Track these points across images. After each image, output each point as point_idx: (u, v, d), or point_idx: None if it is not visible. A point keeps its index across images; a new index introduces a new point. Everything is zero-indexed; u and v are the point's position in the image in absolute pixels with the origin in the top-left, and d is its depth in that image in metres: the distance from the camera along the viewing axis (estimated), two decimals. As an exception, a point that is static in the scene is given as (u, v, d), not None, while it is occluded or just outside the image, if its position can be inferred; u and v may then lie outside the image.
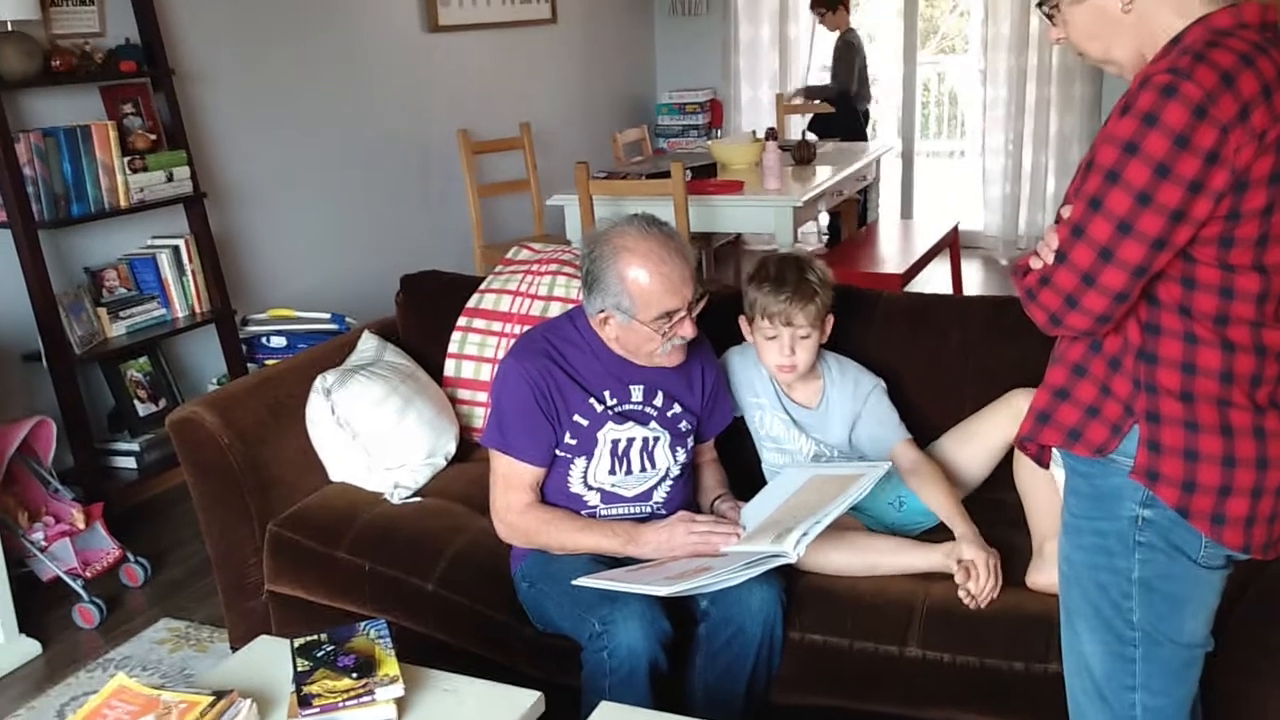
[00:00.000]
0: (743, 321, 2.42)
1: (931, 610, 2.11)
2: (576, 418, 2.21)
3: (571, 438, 2.22)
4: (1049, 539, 2.11)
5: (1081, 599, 1.60)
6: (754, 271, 2.40)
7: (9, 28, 3.38)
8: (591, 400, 2.22)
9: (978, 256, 6.82)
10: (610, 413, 2.22)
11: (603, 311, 2.17)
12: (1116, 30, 1.49)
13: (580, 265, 2.23)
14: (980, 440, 2.36)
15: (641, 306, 2.12)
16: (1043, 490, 2.17)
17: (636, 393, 2.25)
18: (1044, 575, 2.10)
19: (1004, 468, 2.34)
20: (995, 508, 2.35)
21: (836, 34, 6.54)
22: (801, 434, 2.42)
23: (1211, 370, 1.45)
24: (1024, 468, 2.23)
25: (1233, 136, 1.35)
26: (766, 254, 2.47)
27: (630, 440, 2.23)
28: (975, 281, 6.39)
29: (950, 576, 2.14)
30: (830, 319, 2.38)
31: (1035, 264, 1.49)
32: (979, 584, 2.08)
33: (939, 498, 2.26)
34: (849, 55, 6.48)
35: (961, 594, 2.09)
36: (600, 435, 2.22)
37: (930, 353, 2.57)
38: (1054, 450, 1.63)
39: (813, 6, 6.57)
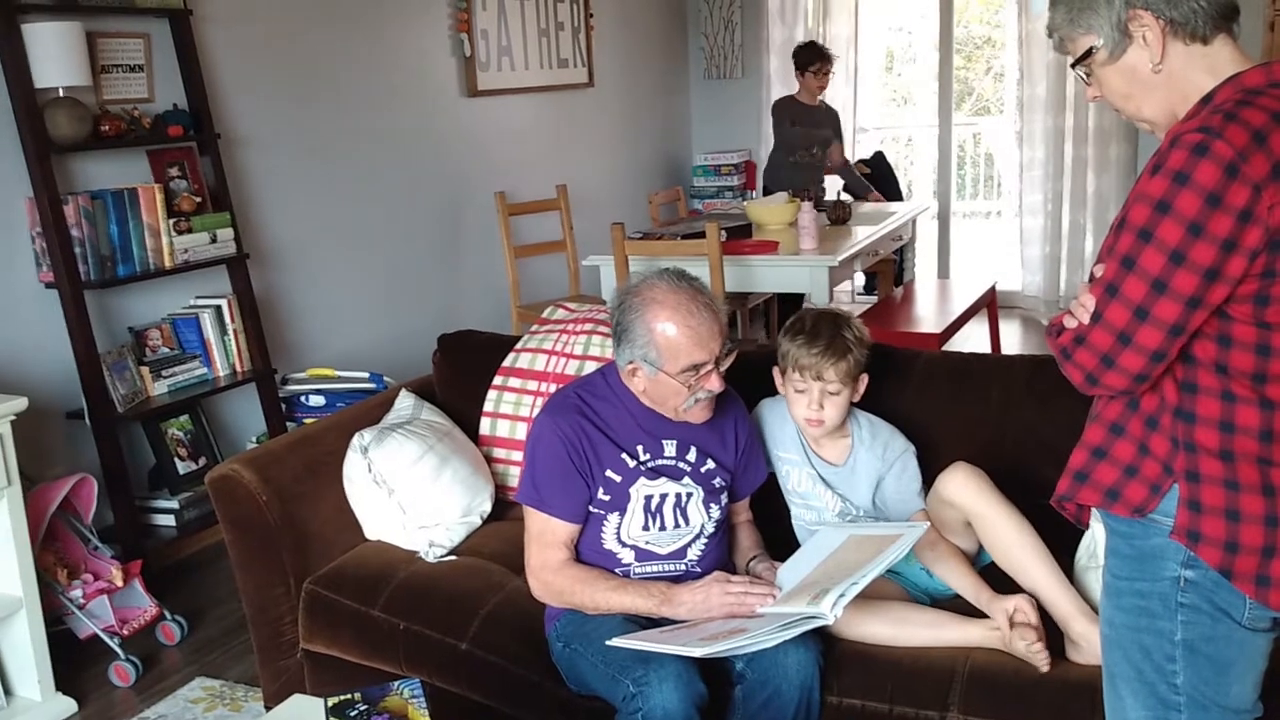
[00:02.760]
0: (776, 372, 2.42)
1: (973, 674, 2.07)
2: (609, 473, 2.21)
3: (605, 493, 2.21)
4: (1072, 619, 2.08)
5: (1124, 662, 1.57)
6: (790, 323, 2.40)
7: (61, 93, 3.47)
8: (624, 455, 2.22)
9: (1016, 316, 6.79)
10: (643, 468, 2.22)
11: (631, 363, 2.18)
12: (1148, 90, 1.50)
13: (611, 317, 2.25)
14: (944, 526, 2.30)
15: (668, 358, 2.13)
16: (1034, 567, 2.14)
17: (669, 447, 2.25)
18: (1082, 656, 2.06)
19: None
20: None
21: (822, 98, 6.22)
22: (828, 490, 2.40)
23: (1251, 429, 1.44)
24: (998, 552, 2.21)
25: (1265, 195, 1.35)
26: (807, 308, 2.47)
27: (663, 496, 2.23)
28: (1014, 341, 6.36)
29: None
30: (864, 378, 2.36)
31: (1069, 323, 1.49)
32: (1033, 630, 2.04)
33: (954, 572, 2.23)
34: None
35: (1028, 650, 2.04)
36: (633, 491, 2.21)
37: (970, 413, 2.55)
38: (1093, 510, 1.61)
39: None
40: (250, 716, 2.86)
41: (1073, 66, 1.58)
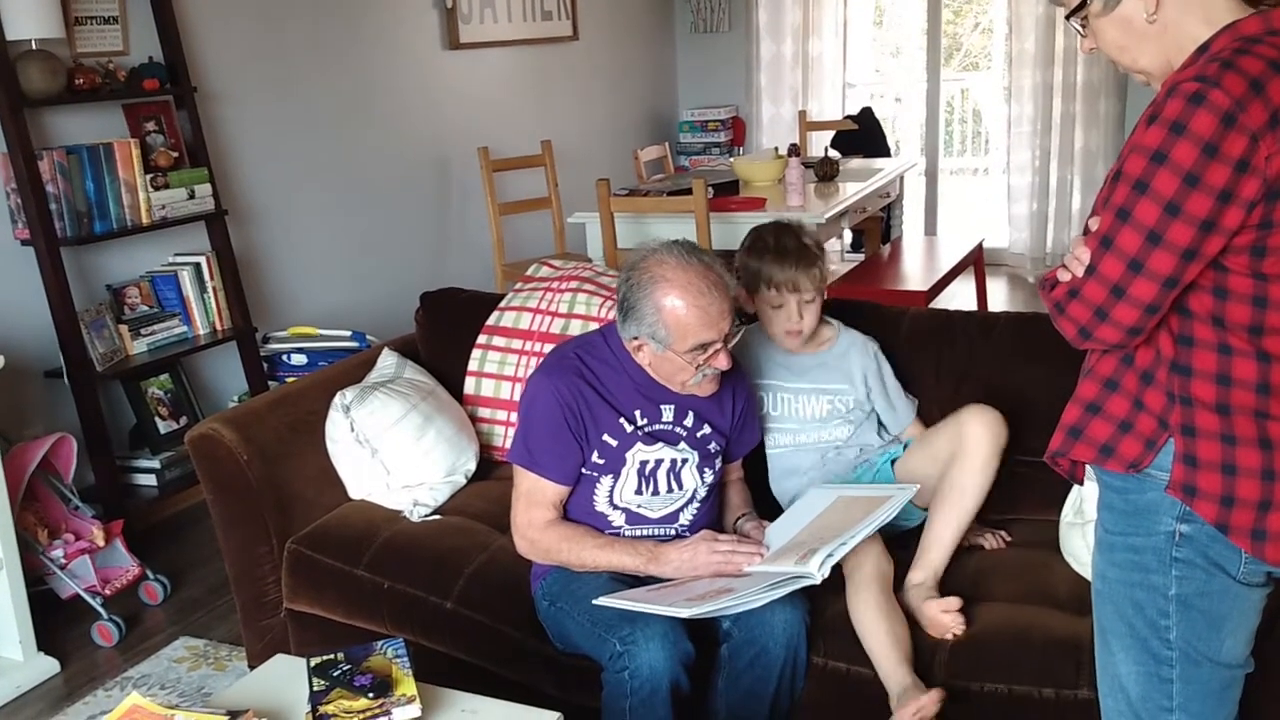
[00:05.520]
0: (741, 293, 2.41)
1: (958, 636, 2.06)
2: (606, 437, 2.18)
3: (599, 457, 2.19)
4: (917, 570, 2.18)
5: (1116, 617, 1.56)
6: (751, 243, 2.42)
7: (33, 46, 3.40)
8: (622, 420, 2.19)
9: (1003, 274, 6.77)
10: (640, 433, 2.19)
11: (636, 339, 2.14)
12: (1142, 40, 1.47)
13: (616, 290, 2.19)
14: (935, 456, 2.33)
15: (677, 337, 2.08)
16: (948, 518, 2.22)
17: (667, 412, 2.22)
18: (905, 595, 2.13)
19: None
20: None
21: None
22: (814, 393, 2.43)
23: (1247, 382, 1.42)
24: (947, 486, 2.25)
25: (1263, 144, 1.33)
26: (758, 226, 2.47)
27: (658, 461, 2.20)
28: (1001, 298, 6.34)
29: (971, 598, 2.12)
30: (827, 281, 2.43)
31: (1063, 276, 1.46)
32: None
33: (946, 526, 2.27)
34: None
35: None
36: (629, 455, 2.19)
37: (956, 370, 2.54)
38: (1086, 465, 1.60)
39: None
40: (234, 676, 2.84)
41: (1067, 18, 1.55)
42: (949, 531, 2.21)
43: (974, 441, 2.23)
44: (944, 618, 2.06)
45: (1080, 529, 2.17)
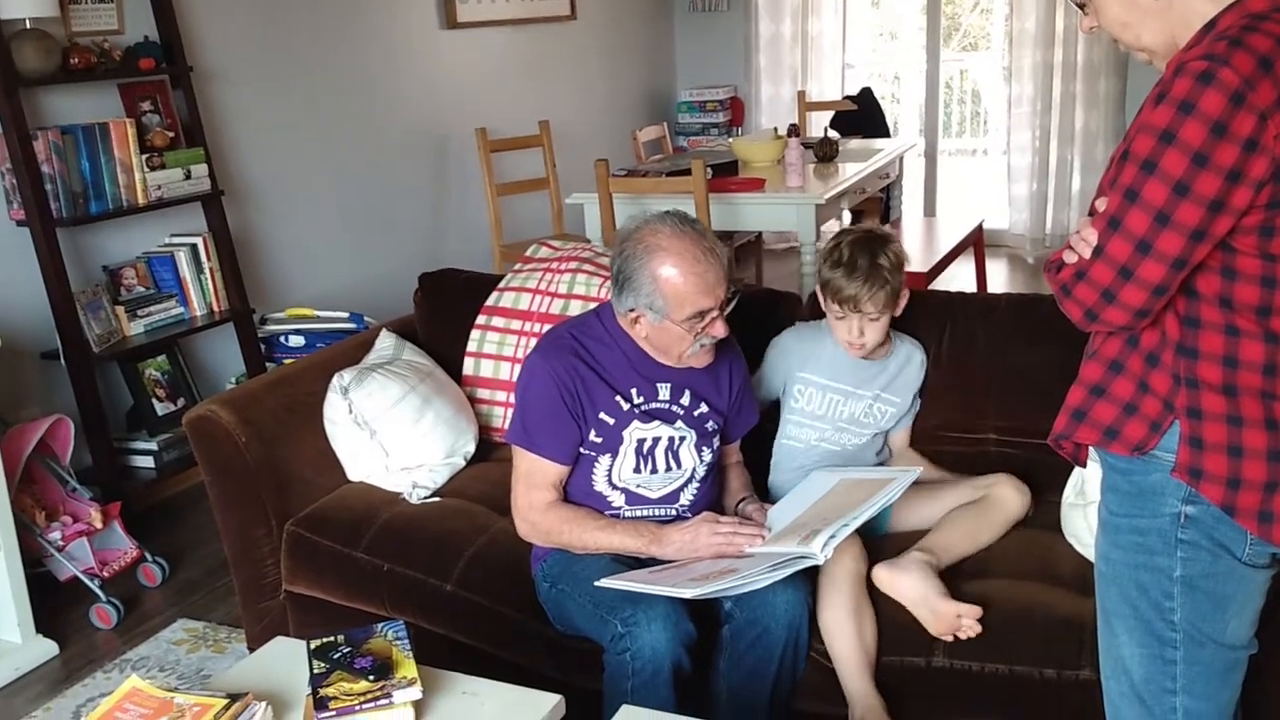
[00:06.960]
0: (819, 291, 2.40)
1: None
2: (602, 415, 2.17)
3: (597, 436, 2.18)
4: (922, 552, 2.13)
5: (1120, 599, 1.56)
6: (829, 249, 2.38)
7: (28, 25, 3.37)
8: (618, 398, 2.18)
9: (1003, 255, 6.76)
10: (637, 411, 2.19)
11: (633, 310, 2.13)
12: (1147, 17, 1.46)
13: (610, 264, 2.18)
14: (949, 494, 2.35)
15: (674, 306, 2.08)
16: (958, 539, 2.22)
17: (663, 391, 2.22)
18: (885, 574, 2.10)
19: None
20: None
21: None
22: (854, 395, 2.40)
23: (1254, 363, 1.41)
24: (962, 518, 2.27)
25: (1272, 123, 1.31)
26: (844, 229, 2.43)
27: (656, 439, 2.19)
28: (1001, 280, 6.33)
29: (973, 578, 2.11)
30: (905, 295, 2.37)
31: (1069, 258, 1.45)
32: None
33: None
34: None
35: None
36: (626, 434, 2.18)
37: (956, 351, 2.53)
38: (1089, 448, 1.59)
39: None
40: (233, 658, 2.84)
41: None
42: (961, 534, 2.23)
43: (1009, 509, 2.28)
44: (957, 621, 2.02)
45: (1082, 510, 2.17)
